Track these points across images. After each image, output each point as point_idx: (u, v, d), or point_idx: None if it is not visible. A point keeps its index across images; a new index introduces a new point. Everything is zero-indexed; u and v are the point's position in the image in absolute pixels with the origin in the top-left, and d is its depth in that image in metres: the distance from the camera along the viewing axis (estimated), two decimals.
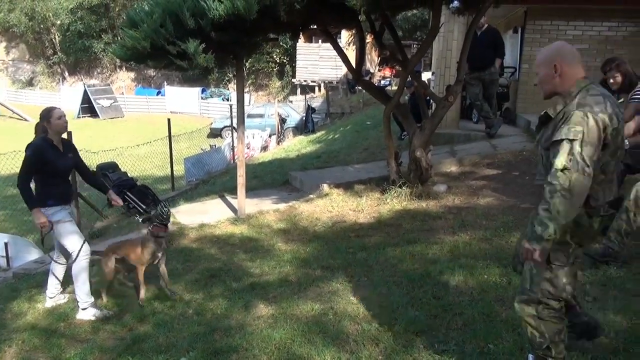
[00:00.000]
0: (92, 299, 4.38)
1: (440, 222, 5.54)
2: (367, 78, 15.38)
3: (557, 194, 2.20)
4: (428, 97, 8.01)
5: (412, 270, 4.38)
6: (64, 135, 4.50)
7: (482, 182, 6.58)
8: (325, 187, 7.18)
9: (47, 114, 4.30)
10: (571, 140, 2.20)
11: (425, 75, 16.67)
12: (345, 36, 25.74)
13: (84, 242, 4.37)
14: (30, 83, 39.86)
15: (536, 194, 5.79)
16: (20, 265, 6.63)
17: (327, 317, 3.78)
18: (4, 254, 7.01)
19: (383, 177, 7.14)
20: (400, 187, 6.47)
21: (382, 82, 25.27)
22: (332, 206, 6.60)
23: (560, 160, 2.21)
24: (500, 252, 4.45)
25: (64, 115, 4.38)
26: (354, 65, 7.15)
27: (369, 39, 13.33)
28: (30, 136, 4.40)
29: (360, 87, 24.19)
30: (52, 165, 4.24)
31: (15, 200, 10.81)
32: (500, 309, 3.51)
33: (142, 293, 4.53)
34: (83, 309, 4.33)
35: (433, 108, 8.06)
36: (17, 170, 4.23)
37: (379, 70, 29.07)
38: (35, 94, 36.60)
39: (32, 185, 4.29)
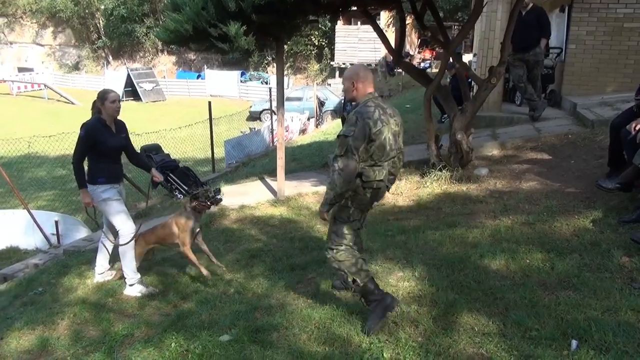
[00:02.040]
0: (139, 276, 4.53)
1: (481, 206, 5.46)
2: (406, 60, 15.18)
3: (336, 173, 3.15)
4: (470, 79, 7.86)
5: (452, 253, 4.35)
6: None
7: (525, 166, 6.45)
8: None
9: (103, 96, 4.45)
10: (346, 136, 3.12)
11: (466, 57, 16.32)
12: (384, 17, 25.38)
13: (131, 221, 4.51)
14: (76, 67, 40.96)
15: (582, 178, 5.65)
16: (70, 242, 6.91)
17: None
18: (55, 232, 7.30)
19: (423, 160, 7.08)
20: (440, 170, 6.41)
21: (422, 64, 24.88)
22: None
23: (339, 150, 3.16)
24: (543, 237, 4.36)
25: (118, 100, 4.52)
26: (394, 47, 7.07)
27: (408, 20, 13.13)
28: (76, 119, 4.56)
29: (399, 70, 23.94)
30: (103, 145, 4.39)
31: (65, 180, 11.23)
32: (543, 294, 3.45)
33: (204, 271, 4.46)
34: (130, 285, 4.49)
35: (474, 90, 7.91)
36: (65, 152, 4.41)
37: (419, 52, 28.61)
38: (81, 78, 37.62)
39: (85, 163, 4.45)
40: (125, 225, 4.47)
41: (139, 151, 9.35)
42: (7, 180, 7.98)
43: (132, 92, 31.85)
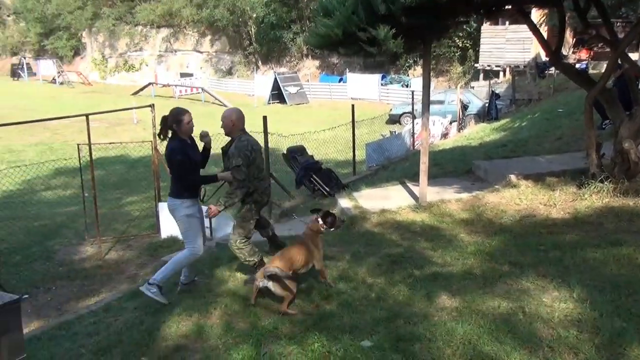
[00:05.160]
0: (161, 286, 4.57)
1: None
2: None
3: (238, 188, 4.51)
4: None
5: (617, 275, 3.92)
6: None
7: None
8: (513, 178, 6.77)
9: (178, 117, 4.51)
10: (238, 166, 4.45)
11: (633, 57, 14.71)
12: (535, 16, 23.84)
13: (202, 244, 4.71)
14: (229, 72, 44.03)
15: None
16: (221, 235, 7.38)
17: (517, 316, 3.57)
18: (208, 225, 7.85)
19: (580, 169, 6.52)
20: (601, 181, 5.83)
21: (578, 65, 22.95)
22: (520, 198, 6.20)
23: (238, 176, 4.47)
24: None
25: (192, 120, 4.62)
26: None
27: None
28: None
29: (551, 72, 22.32)
30: (191, 162, 4.59)
31: None
32: None
33: (327, 276, 4.58)
34: (149, 284, 4.54)
35: None
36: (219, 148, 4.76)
37: (574, 52, 26.46)
38: (233, 82, 40.38)
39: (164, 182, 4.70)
40: (196, 246, 4.63)
41: (285, 152, 9.84)
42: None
43: (277, 95, 33.42)
